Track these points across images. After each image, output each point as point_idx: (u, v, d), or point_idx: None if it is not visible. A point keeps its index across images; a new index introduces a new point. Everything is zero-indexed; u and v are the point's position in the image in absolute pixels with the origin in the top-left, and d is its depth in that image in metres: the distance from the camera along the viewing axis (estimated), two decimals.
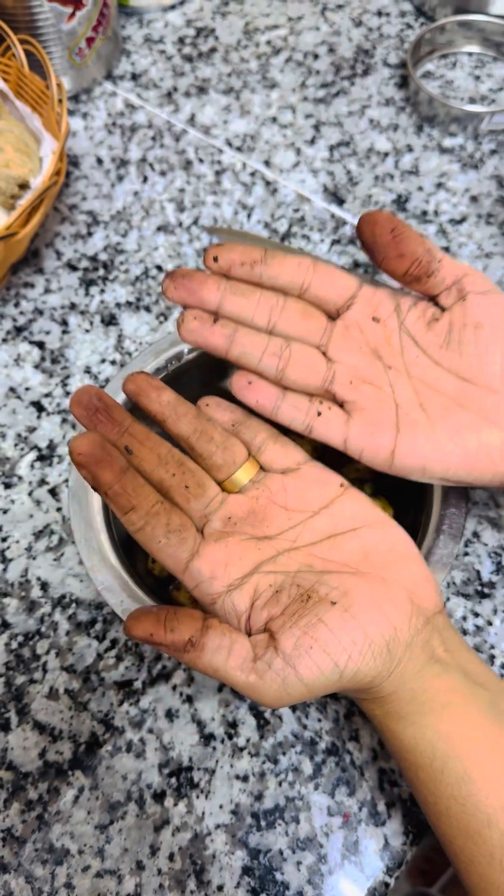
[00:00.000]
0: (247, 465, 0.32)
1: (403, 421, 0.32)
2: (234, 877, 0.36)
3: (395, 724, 0.29)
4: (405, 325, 0.33)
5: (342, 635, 0.27)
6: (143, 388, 0.32)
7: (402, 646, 0.28)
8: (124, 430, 0.30)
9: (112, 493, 0.29)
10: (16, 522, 0.46)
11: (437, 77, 0.69)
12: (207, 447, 0.32)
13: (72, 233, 0.59)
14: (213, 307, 0.32)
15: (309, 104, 0.67)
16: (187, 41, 0.72)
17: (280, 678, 0.27)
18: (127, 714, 0.40)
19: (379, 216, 0.32)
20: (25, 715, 0.40)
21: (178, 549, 0.30)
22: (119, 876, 0.36)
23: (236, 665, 0.27)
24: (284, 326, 0.32)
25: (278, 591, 0.29)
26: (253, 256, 0.32)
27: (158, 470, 0.30)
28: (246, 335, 0.32)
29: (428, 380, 0.32)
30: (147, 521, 0.29)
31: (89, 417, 0.30)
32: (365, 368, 0.33)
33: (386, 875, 0.36)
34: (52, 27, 0.61)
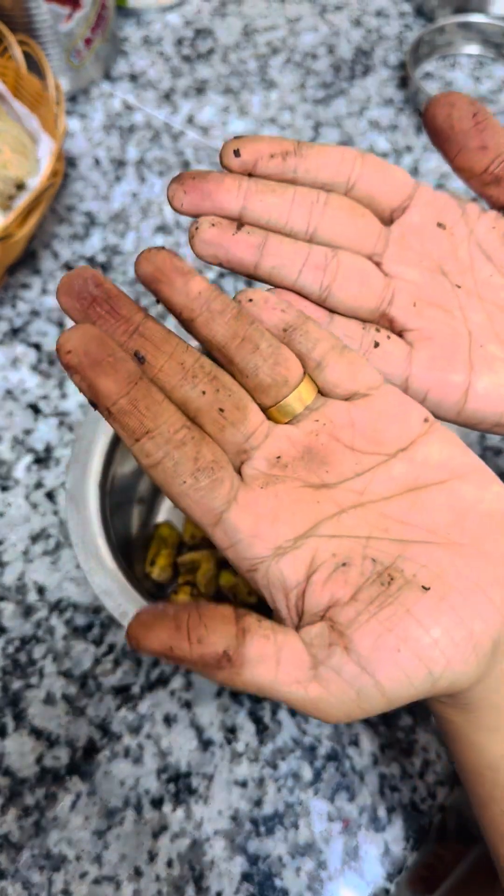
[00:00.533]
0: (302, 386, 0.24)
1: (477, 354, 0.25)
2: (233, 883, 0.36)
3: (477, 735, 0.24)
4: (475, 234, 0.27)
5: (439, 633, 0.20)
6: (166, 272, 0.23)
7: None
8: (134, 329, 0.22)
9: (118, 411, 0.22)
10: (12, 526, 0.46)
11: (436, 78, 0.69)
12: (251, 360, 0.24)
13: (69, 234, 0.59)
14: (235, 213, 0.25)
15: (308, 105, 0.67)
16: (186, 42, 0.72)
17: (353, 689, 0.20)
18: (124, 719, 0.40)
19: (458, 98, 0.26)
20: (22, 720, 0.40)
21: (210, 495, 0.22)
22: (117, 882, 0.36)
23: (290, 678, 0.20)
24: (328, 231, 0.25)
25: (346, 565, 0.22)
26: (285, 147, 0.25)
27: (182, 385, 0.23)
28: (280, 243, 0.25)
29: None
30: (168, 451, 0.22)
31: (84, 311, 0.22)
32: (429, 286, 0.26)
33: (386, 881, 0.36)
34: (50, 28, 0.60)
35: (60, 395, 0.51)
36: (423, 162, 0.62)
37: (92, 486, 0.38)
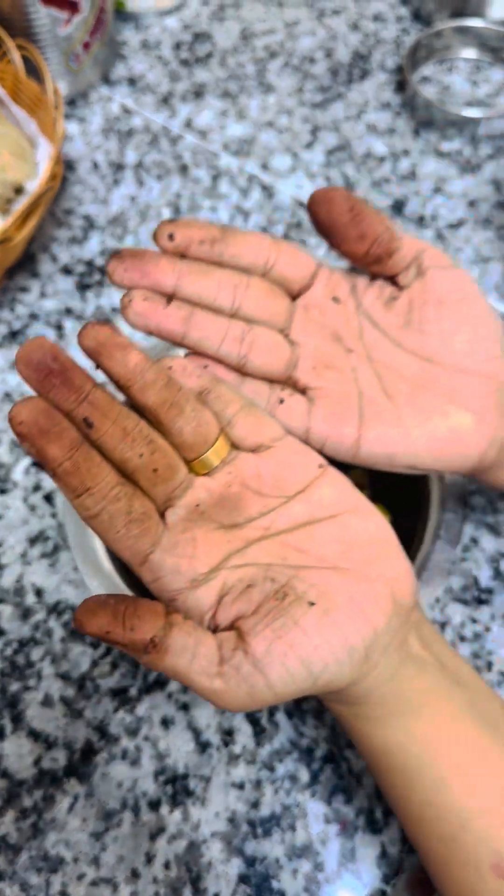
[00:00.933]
0: (218, 443, 0.28)
1: (367, 408, 0.29)
2: (230, 885, 0.36)
3: (364, 725, 0.28)
4: (363, 306, 0.31)
5: (319, 641, 0.25)
6: (106, 346, 0.26)
7: (379, 649, 0.26)
8: (84, 398, 0.25)
9: (62, 472, 0.24)
10: (10, 528, 0.46)
11: (434, 82, 0.69)
12: (177, 422, 0.27)
13: (68, 237, 0.59)
14: (169, 290, 0.28)
15: (306, 108, 0.67)
16: (184, 46, 0.72)
17: (248, 684, 0.24)
18: (122, 721, 0.40)
19: (335, 193, 0.29)
20: (20, 722, 0.40)
21: (139, 541, 0.26)
22: (114, 884, 0.36)
23: (201, 669, 0.24)
24: (249, 309, 0.29)
25: (250, 587, 0.26)
26: (212, 234, 0.29)
27: (123, 448, 0.26)
28: (205, 318, 0.28)
29: (390, 362, 0.30)
30: (104, 507, 0.25)
31: (41, 381, 0.24)
32: (327, 352, 0.30)
33: (383, 883, 0.36)
34: (49, 32, 0.61)
35: None
36: (420, 166, 0.62)
37: None
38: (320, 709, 0.40)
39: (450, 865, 0.27)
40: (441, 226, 0.59)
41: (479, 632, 0.42)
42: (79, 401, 0.25)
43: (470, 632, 0.42)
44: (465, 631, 0.42)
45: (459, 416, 0.29)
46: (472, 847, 0.26)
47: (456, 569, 0.44)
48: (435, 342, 0.30)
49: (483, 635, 0.42)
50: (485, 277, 0.56)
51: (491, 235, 0.58)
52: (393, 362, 0.30)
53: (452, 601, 0.43)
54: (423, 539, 0.37)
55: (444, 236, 0.58)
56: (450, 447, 0.29)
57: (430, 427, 0.29)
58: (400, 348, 0.31)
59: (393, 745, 0.27)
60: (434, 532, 0.37)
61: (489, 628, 0.42)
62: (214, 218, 0.60)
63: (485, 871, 0.26)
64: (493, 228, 0.58)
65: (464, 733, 0.27)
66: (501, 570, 0.44)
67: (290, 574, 0.26)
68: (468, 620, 0.42)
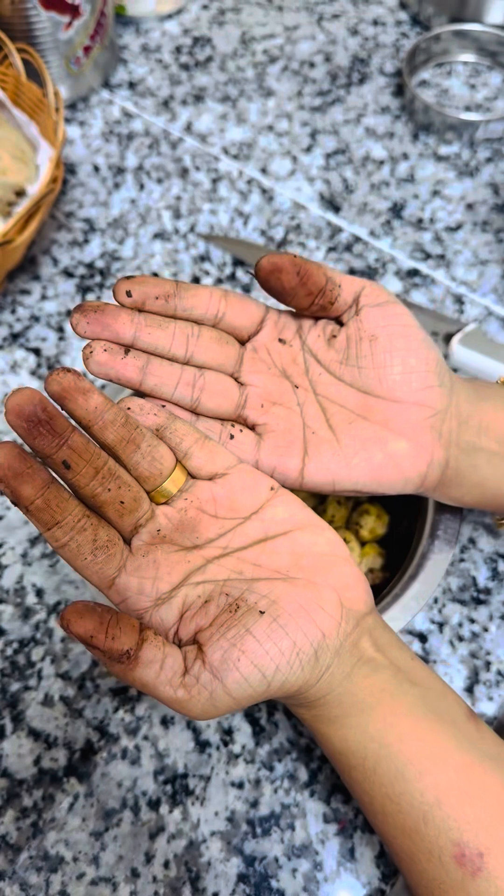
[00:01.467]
0: (175, 474, 0.31)
1: (311, 439, 0.32)
2: (229, 884, 0.36)
3: (323, 726, 0.29)
4: (307, 343, 0.34)
5: (269, 646, 0.27)
6: (70, 391, 0.28)
7: (330, 652, 0.28)
8: (63, 442, 0.27)
9: (34, 509, 0.27)
10: (11, 529, 0.46)
11: (432, 86, 0.69)
12: (133, 457, 0.29)
13: (68, 240, 0.59)
14: (128, 341, 0.30)
15: (305, 112, 0.67)
16: (184, 50, 0.73)
17: (208, 692, 0.26)
18: (122, 721, 0.40)
19: (282, 261, 0.31)
20: (20, 722, 0.40)
21: (105, 566, 0.28)
22: (114, 883, 0.36)
23: (165, 680, 0.26)
24: (201, 355, 0.32)
25: (207, 602, 0.28)
26: (166, 290, 0.31)
27: (93, 484, 0.28)
28: (159, 366, 0.31)
29: (332, 396, 0.33)
30: (72, 537, 0.27)
31: (29, 430, 0.27)
32: (275, 389, 0.33)
33: (382, 882, 0.36)
34: (50, 36, 0.61)
35: None
36: (418, 169, 0.62)
37: None
38: None
39: (415, 858, 0.27)
40: (439, 228, 0.59)
41: (477, 631, 0.42)
42: (59, 445, 0.27)
43: (468, 632, 0.42)
44: (463, 631, 0.42)
45: (395, 442, 0.32)
46: (433, 838, 0.27)
47: (454, 569, 0.44)
48: (370, 375, 0.32)
49: (481, 635, 0.42)
50: (482, 280, 0.56)
51: (489, 238, 0.58)
52: (335, 396, 0.33)
53: (450, 601, 0.43)
54: (421, 539, 0.37)
55: (442, 239, 0.58)
56: (388, 472, 0.32)
57: (367, 454, 0.32)
58: (341, 382, 0.33)
59: (351, 743, 0.28)
60: (432, 532, 0.37)
61: (487, 628, 0.42)
62: (213, 221, 0.60)
63: (447, 861, 0.26)
64: (492, 231, 0.58)
65: (417, 728, 0.28)
66: (499, 571, 0.44)
67: (243, 588, 0.29)
68: (466, 620, 0.42)
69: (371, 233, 0.59)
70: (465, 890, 0.26)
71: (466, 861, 0.26)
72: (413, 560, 0.37)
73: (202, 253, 0.58)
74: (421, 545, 0.37)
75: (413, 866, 0.27)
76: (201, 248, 0.58)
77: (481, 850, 0.26)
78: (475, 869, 0.26)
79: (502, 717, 0.40)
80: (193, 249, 0.58)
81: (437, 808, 0.27)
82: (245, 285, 0.56)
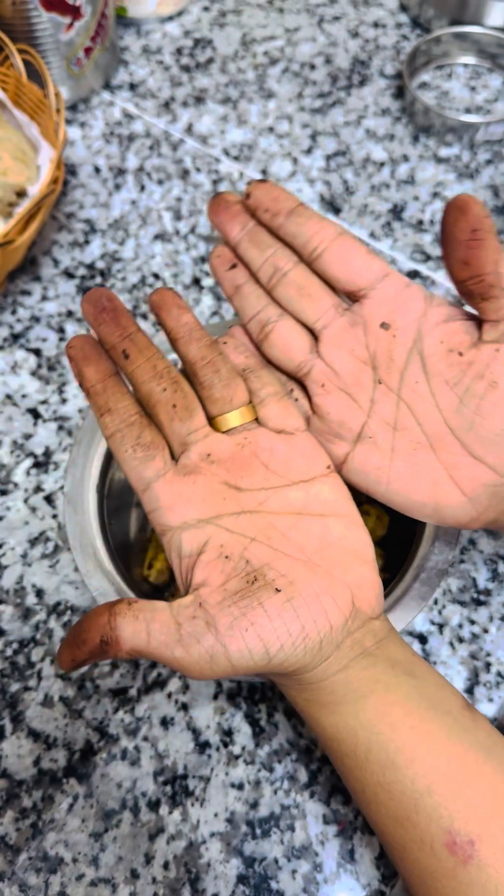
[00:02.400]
0: (243, 409, 0.31)
1: (364, 443, 0.30)
2: (228, 885, 0.36)
3: (314, 711, 0.29)
4: (423, 342, 0.30)
5: (279, 624, 0.27)
6: (167, 303, 0.31)
7: (333, 645, 0.28)
8: (126, 336, 0.30)
9: (93, 391, 0.30)
10: (11, 529, 0.46)
11: (432, 88, 0.69)
12: (210, 377, 0.30)
13: (69, 241, 0.59)
14: (233, 244, 0.33)
15: (306, 114, 0.67)
16: (185, 52, 0.73)
17: (208, 655, 0.26)
18: (122, 722, 0.40)
19: (471, 206, 0.27)
20: (20, 722, 0.40)
21: (143, 466, 0.29)
22: (113, 885, 0.36)
23: (159, 644, 0.27)
24: (279, 296, 0.32)
25: (227, 558, 0.28)
26: (278, 207, 0.31)
27: (150, 382, 0.30)
28: (249, 294, 0.32)
29: (415, 410, 0.30)
30: (119, 427, 0.29)
31: (95, 315, 0.30)
32: (348, 375, 0.31)
33: (381, 884, 0.36)
34: (51, 37, 0.61)
35: (60, 400, 0.51)
36: (419, 171, 0.63)
37: (90, 489, 0.38)
38: None
39: (407, 847, 0.27)
40: (439, 230, 0.59)
41: (478, 633, 0.42)
42: (122, 337, 0.30)
43: (468, 633, 0.42)
44: (463, 632, 0.42)
45: (450, 490, 0.29)
46: (424, 826, 0.26)
47: (454, 570, 0.44)
48: (466, 416, 0.29)
49: (481, 636, 0.42)
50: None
51: None
52: (419, 412, 0.30)
53: (450, 602, 0.43)
54: (422, 540, 0.37)
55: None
56: (425, 511, 0.30)
57: (415, 487, 0.30)
58: (433, 400, 0.29)
59: (342, 729, 0.28)
60: (432, 534, 0.37)
61: (487, 629, 0.42)
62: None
63: (439, 849, 0.26)
64: None
65: (410, 717, 0.28)
66: (499, 572, 0.44)
67: (264, 560, 0.28)
68: (466, 622, 0.42)
69: (371, 234, 0.59)
70: (456, 878, 0.26)
71: (457, 849, 0.26)
72: (413, 561, 0.37)
73: (203, 254, 0.58)
74: (421, 546, 0.37)
75: (405, 855, 0.27)
76: (202, 250, 0.59)
77: (472, 837, 0.26)
78: (466, 857, 0.26)
79: (502, 718, 0.40)
80: (194, 251, 0.58)
81: (429, 796, 0.26)
82: None
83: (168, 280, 0.57)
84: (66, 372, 0.52)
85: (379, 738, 0.27)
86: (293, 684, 0.29)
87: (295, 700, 0.30)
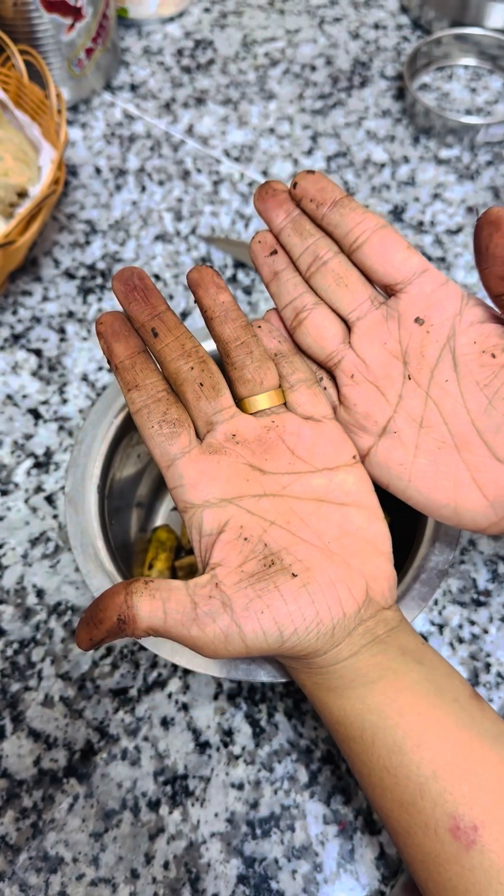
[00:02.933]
0: (272, 392, 0.31)
1: (389, 437, 0.30)
2: (228, 885, 0.36)
3: (322, 694, 0.29)
4: (456, 341, 0.30)
5: (294, 608, 0.27)
6: (205, 281, 0.31)
7: (345, 631, 0.28)
8: (155, 314, 0.30)
9: (121, 367, 0.30)
10: (12, 529, 0.46)
11: (433, 89, 0.69)
12: (242, 358, 0.31)
13: (70, 241, 0.59)
14: (276, 231, 0.33)
15: (306, 115, 0.67)
16: (186, 53, 0.73)
17: (224, 634, 0.27)
18: (122, 722, 0.40)
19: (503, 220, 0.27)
20: (20, 722, 0.40)
21: (168, 442, 0.29)
22: (114, 884, 0.36)
23: (175, 622, 0.27)
24: (318, 284, 0.32)
25: (246, 540, 0.28)
26: (324, 197, 0.31)
27: (178, 360, 0.30)
28: (286, 281, 0.32)
29: (443, 409, 0.30)
30: (146, 403, 0.30)
31: (126, 293, 0.30)
32: (378, 367, 0.31)
33: (381, 884, 0.36)
34: (52, 38, 0.61)
35: (60, 401, 0.51)
36: (419, 172, 0.63)
37: (91, 489, 0.38)
38: None
39: (411, 832, 0.27)
40: (439, 231, 0.59)
41: (478, 633, 0.42)
42: (151, 315, 0.30)
43: (468, 634, 0.42)
44: (463, 633, 0.42)
45: (472, 494, 0.29)
46: (429, 811, 0.27)
47: (454, 571, 0.44)
48: (496, 421, 0.29)
49: (481, 637, 0.42)
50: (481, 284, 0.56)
51: None
52: (446, 410, 0.30)
53: (450, 603, 0.43)
54: (422, 541, 0.37)
55: (442, 242, 0.58)
56: (445, 513, 0.30)
57: (435, 485, 0.30)
58: (461, 400, 0.29)
59: (350, 713, 0.29)
60: (432, 534, 0.37)
61: (487, 630, 0.42)
62: (215, 223, 0.60)
63: (443, 834, 0.26)
64: None
65: (418, 703, 0.28)
66: (499, 573, 0.44)
67: (283, 544, 0.28)
68: (466, 622, 0.42)
69: None
70: (458, 862, 0.26)
71: (461, 834, 0.26)
72: (413, 562, 0.37)
73: (203, 255, 0.58)
74: (422, 547, 0.37)
75: (409, 840, 0.28)
76: (202, 250, 0.59)
77: (476, 823, 0.26)
78: (469, 842, 0.26)
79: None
80: (195, 251, 0.58)
81: (434, 781, 0.27)
82: (246, 287, 0.56)
83: (169, 281, 0.57)
84: (66, 372, 0.52)
85: (386, 722, 0.28)
86: (303, 668, 0.29)
87: (304, 683, 0.30)
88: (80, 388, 0.52)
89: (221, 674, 0.33)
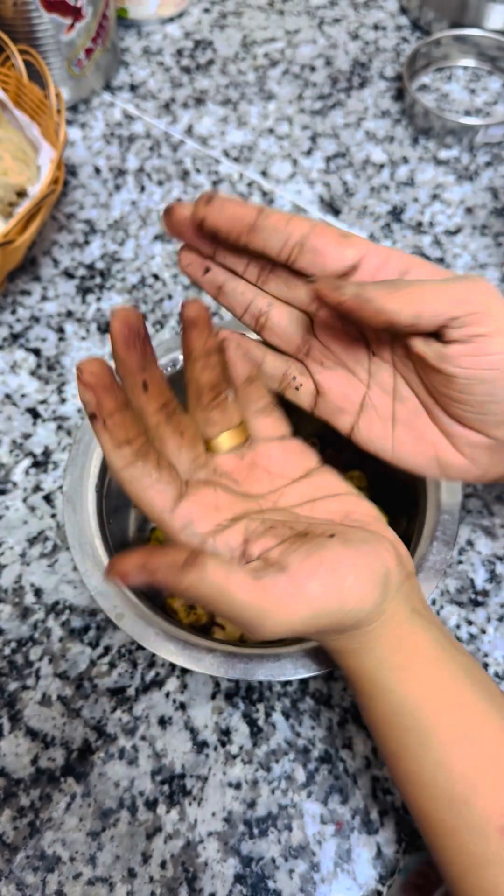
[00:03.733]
0: (235, 430, 0.33)
1: (368, 410, 0.31)
2: (226, 885, 0.36)
3: (386, 675, 0.29)
4: None
5: (345, 559, 0.27)
6: (202, 322, 0.31)
7: (393, 586, 0.28)
8: (146, 366, 0.30)
9: (112, 424, 0.29)
10: (10, 529, 0.46)
11: (432, 90, 0.69)
12: (213, 403, 0.32)
13: (69, 241, 0.59)
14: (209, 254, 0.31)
15: (306, 116, 0.67)
16: (185, 53, 0.73)
17: (286, 594, 0.26)
18: (120, 721, 0.40)
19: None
20: (18, 721, 0.40)
21: (168, 488, 0.29)
22: (111, 883, 0.36)
23: (238, 581, 0.26)
24: (272, 288, 0.32)
25: (273, 528, 0.29)
26: (239, 227, 0.29)
27: (158, 414, 0.30)
28: (233, 290, 0.32)
29: (410, 380, 0.30)
30: (138, 457, 0.29)
31: (126, 340, 0.29)
32: (343, 353, 0.31)
33: (378, 884, 0.36)
34: (52, 38, 0.61)
35: (59, 400, 0.51)
36: (418, 173, 0.63)
37: (89, 489, 0.38)
38: (316, 709, 0.40)
39: (458, 832, 0.27)
40: (438, 232, 0.59)
41: (475, 633, 0.42)
42: (142, 367, 0.30)
43: (465, 633, 0.42)
44: (461, 633, 0.42)
45: (450, 455, 0.30)
46: (481, 810, 0.27)
47: (452, 571, 0.44)
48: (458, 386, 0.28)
49: (478, 637, 0.42)
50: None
51: (488, 242, 0.58)
52: (413, 383, 0.30)
53: (448, 603, 0.43)
54: (420, 541, 0.37)
55: (441, 242, 0.58)
56: (431, 469, 0.31)
57: (418, 449, 0.31)
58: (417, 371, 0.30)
59: (409, 702, 0.29)
60: (430, 533, 0.37)
61: (485, 630, 0.42)
62: None
63: (491, 832, 0.26)
64: (491, 235, 0.59)
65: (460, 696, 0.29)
66: (497, 573, 0.44)
67: (306, 524, 0.29)
68: (464, 622, 0.42)
69: (371, 236, 0.59)
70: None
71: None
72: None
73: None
74: (420, 547, 0.37)
75: (452, 841, 0.28)
76: None
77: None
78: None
79: None
80: None
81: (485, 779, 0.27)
82: None
83: (168, 281, 0.57)
84: (65, 372, 0.52)
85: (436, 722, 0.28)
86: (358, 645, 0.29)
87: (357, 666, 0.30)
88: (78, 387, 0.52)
89: (219, 673, 0.33)
